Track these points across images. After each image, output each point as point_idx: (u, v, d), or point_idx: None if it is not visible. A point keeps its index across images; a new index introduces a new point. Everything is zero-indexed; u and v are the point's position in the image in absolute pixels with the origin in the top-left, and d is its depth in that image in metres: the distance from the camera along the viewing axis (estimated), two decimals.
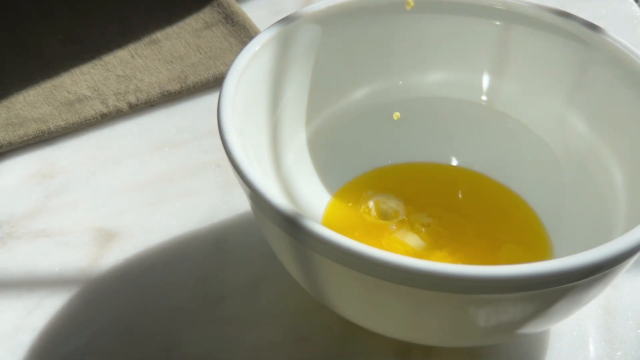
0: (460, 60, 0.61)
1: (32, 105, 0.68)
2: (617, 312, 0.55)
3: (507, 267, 0.41)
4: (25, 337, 0.53)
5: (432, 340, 0.51)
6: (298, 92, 0.58)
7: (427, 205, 0.59)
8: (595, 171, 0.57)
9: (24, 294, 0.56)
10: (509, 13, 0.58)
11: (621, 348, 0.53)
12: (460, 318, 0.45)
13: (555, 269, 0.41)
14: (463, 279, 0.41)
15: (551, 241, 0.57)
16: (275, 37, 0.55)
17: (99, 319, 0.55)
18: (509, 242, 0.57)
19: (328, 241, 0.42)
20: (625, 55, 0.54)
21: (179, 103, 0.70)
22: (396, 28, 0.60)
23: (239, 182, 0.47)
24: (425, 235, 0.57)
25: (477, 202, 0.60)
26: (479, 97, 0.62)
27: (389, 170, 0.61)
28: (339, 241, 0.42)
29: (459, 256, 0.56)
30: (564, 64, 0.58)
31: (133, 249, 0.59)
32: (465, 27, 0.60)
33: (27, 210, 0.61)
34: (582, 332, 0.54)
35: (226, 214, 0.61)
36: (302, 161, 0.59)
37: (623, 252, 0.43)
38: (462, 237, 0.57)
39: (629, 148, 0.55)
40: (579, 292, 0.45)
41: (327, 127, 0.60)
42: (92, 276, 0.57)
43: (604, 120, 0.56)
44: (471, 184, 0.61)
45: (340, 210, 0.58)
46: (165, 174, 0.64)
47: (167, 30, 0.75)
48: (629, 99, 0.54)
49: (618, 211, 0.53)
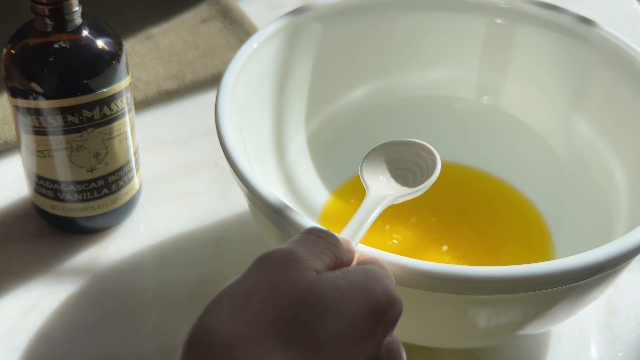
0: (460, 59, 0.61)
1: None
2: (618, 313, 0.55)
3: (508, 268, 0.41)
4: (21, 338, 0.53)
5: (432, 342, 0.50)
6: (297, 90, 0.58)
7: (429, 204, 0.59)
8: (597, 171, 0.56)
9: (20, 295, 0.56)
10: (511, 11, 0.58)
11: (623, 349, 0.53)
12: (460, 319, 0.45)
13: (557, 269, 0.41)
14: (463, 280, 0.41)
15: (553, 241, 0.57)
16: (274, 35, 0.55)
17: (96, 319, 0.54)
18: (511, 242, 0.57)
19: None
20: (628, 55, 0.54)
21: (176, 101, 0.70)
22: (396, 26, 0.60)
23: (234, 179, 0.47)
24: (425, 234, 0.57)
25: (478, 201, 0.60)
26: (480, 96, 0.61)
27: None
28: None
29: (460, 255, 0.56)
30: (566, 64, 0.58)
31: (130, 249, 0.58)
32: (466, 26, 0.59)
33: (23, 210, 0.61)
34: (583, 333, 0.54)
35: (224, 213, 0.61)
36: (302, 158, 0.59)
37: (625, 252, 0.43)
38: (464, 235, 0.57)
39: (631, 149, 0.54)
40: (581, 292, 0.45)
41: (328, 126, 0.60)
42: (89, 276, 0.57)
43: (607, 121, 0.56)
44: (473, 183, 0.61)
45: (339, 206, 0.58)
46: (162, 173, 0.64)
47: (163, 26, 0.74)
48: (631, 99, 0.54)
49: (620, 211, 0.53)
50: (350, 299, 0.34)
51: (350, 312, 0.34)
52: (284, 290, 0.34)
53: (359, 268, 0.36)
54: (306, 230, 0.38)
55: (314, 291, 0.34)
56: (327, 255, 0.37)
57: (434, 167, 0.47)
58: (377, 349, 0.35)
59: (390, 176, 0.47)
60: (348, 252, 0.38)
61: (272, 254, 0.36)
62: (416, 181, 0.47)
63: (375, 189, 0.46)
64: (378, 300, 0.35)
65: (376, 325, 0.35)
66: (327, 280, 0.35)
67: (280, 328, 0.33)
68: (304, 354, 0.33)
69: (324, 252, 0.37)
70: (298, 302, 0.34)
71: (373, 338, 0.35)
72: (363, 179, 0.47)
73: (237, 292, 0.34)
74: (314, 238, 0.37)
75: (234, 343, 0.33)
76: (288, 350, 0.33)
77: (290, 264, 0.35)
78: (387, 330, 0.35)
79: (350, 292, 0.35)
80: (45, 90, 0.52)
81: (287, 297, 0.34)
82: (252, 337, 0.33)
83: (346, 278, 0.35)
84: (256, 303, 0.34)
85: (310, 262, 0.35)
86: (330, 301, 0.34)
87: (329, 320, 0.34)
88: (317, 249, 0.37)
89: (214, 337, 0.33)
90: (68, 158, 0.54)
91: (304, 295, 0.34)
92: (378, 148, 0.48)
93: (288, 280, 0.34)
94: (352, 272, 0.36)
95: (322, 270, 0.36)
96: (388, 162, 0.48)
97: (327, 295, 0.34)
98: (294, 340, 0.33)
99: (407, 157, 0.48)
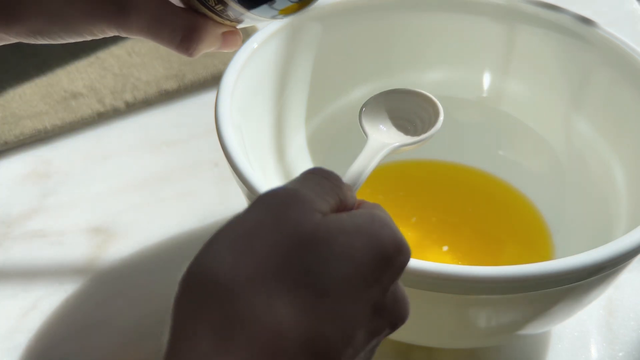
0: (461, 59, 0.61)
1: (28, 103, 0.68)
2: (618, 313, 0.55)
3: (508, 268, 0.41)
4: (21, 338, 0.53)
5: (432, 342, 0.50)
6: (297, 90, 0.58)
7: (428, 203, 0.59)
8: (597, 171, 0.56)
9: (20, 295, 0.56)
10: (511, 11, 0.58)
11: (623, 349, 0.53)
12: (460, 319, 0.45)
13: (557, 269, 0.41)
14: (463, 280, 0.41)
15: (553, 241, 0.56)
16: (274, 35, 0.55)
17: (96, 320, 0.54)
18: (511, 242, 0.57)
19: None
20: (628, 55, 0.54)
21: (176, 101, 0.70)
22: (396, 26, 0.60)
23: (234, 179, 0.46)
24: (425, 234, 0.57)
25: (479, 201, 0.60)
26: (480, 96, 0.61)
27: (390, 168, 0.61)
28: None
29: (460, 255, 0.56)
30: (566, 64, 0.58)
31: (130, 250, 0.58)
32: (467, 26, 0.59)
33: (23, 210, 0.61)
34: (583, 333, 0.54)
35: (224, 213, 0.61)
36: (302, 158, 0.59)
37: (625, 252, 0.42)
38: (464, 235, 0.57)
39: (631, 149, 0.54)
40: (581, 292, 0.45)
41: (328, 126, 0.60)
42: (89, 277, 0.57)
43: (607, 121, 0.56)
44: (473, 182, 0.61)
45: None
46: (162, 173, 0.64)
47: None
48: (631, 99, 0.54)
49: (620, 211, 0.53)
50: (356, 243, 0.32)
51: (356, 257, 0.32)
52: (288, 232, 0.32)
53: (366, 212, 0.34)
54: (309, 170, 0.35)
55: (319, 234, 0.32)
56: (331, 197, 0.34)
57: (436, 118, 0.45)
58: (382, 297, 0.33)
59: (391, 125, 0.46)
60: (352, 196, 0.36)
61: (274, 193, 0.33)
62: (417, 132, 0.45)
63: (375, 137, 0.44)
64: (386, 246, 0.33)
65: (383, 272, 0.33)
66: (333, 222, 0.33)
67: (283, 271, 0.31)
68: (307, 299, 0.31)
69: (329, 194, 0.34)
70: (303, 245, 0.32)
71: (379, 285, 0.33)
72: (362, 126, 0.45)
73: (238, 233, 0.32)
74: (318, 178, 0.35)
75: (234, 286, 0.31)
76: (290, 294, 0.31)
77: (295, 204, 0.33)
78: (394, 278, 0.33)
79: (357, 236, 0.32)
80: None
81: (291, 239, 0.32)
82: (252, 279, 0.31)
83: (353, 222, 0.33)
84: (258, 245, 0.32)
85: (315, 203, 0.33)
86: (336, 245, 0.32)
87: (334, 265, 0.31)
88: (321, 189, 0.34)
89: (214, 279, 0.31)
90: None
91: (309, 238, 0.32)
92: (378, 96, 0.46)
93: (292, 222, 0.32)
94: (359, 216, 0.33)
95: (327, 213, 0.33)
96: (388, 111, 0.46)
97: (333, 239, 0.32)
98: (297, 284, 0.31)
99: (408, 107, 0.46)
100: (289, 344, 0.30)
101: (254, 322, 0.30)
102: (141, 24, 0.43)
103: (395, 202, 0.59)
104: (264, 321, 0.30)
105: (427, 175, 0.61)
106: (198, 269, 0.32)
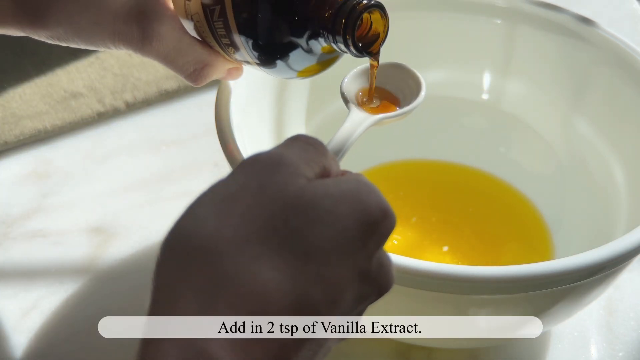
0: (461, 59, 0.61)
1: (27, 103, 0.68)
2: (618, 313, 0.55)
3: (508, 268, 0.41)
4: (22, 338, 0.53)
5: (432, 342, 0.50)
6: (297, 90, 0.58)
7: (428, 203, 0.59)
8: (597, 171, 0.56)
9: (20, 295, 0.55)
10: (511, 11, 0.58)
11: (623, 349, 0.53)
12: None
13: (557, 269, 0.41)
14: (463, 280, 0.41)
15: (553, 241, 0.56)
16: None
17: (96, 319, 0.54)
18: (511, 242, 0.57)
19: None
20: (628, 55, 0.54)
21: (176, 101, 0.70)
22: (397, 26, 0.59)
23: None
24: (425, 234, 0.57)
25: (479, 201, 0.60)
26: (480, 96, 0.61)
27: (390, 168, 0.61)
28: None
29: (460, 255, 0.55)
30: (566, 64, 0.58)
31: (130, 249, 0.58)
32: (467, 26, 0.59)
33: (23, 210, 0.61)
34: (583, 333, 0.54)
35: None
36: None
37: (625, 252, 0.42)
38: (464, 235, 0.57)
39: (631, 149, 0.54)
40: (581, 292, 0.45)
41: (328, 126, 0.60)
42: (89, 276, 0.57)
43: (607, 121, 0.56)
44: (473, 182, 0.61)
45: None
46: (162, 173, 0.64)
47: None
48: (631, 99, 0.54)
49: (620, 211, 0.53)
50: (342, 208, 0.32)
51: (342, 222, 0.32)
52: (273, 195, 0.31)
53: (352, 178, 0.34)
54: (294, 136, 0.35)
55: (305, 198, 0.32)
56: (316, 164, 0.34)
57: (418, 92, 0.45)
58: (367, 262, 0.33)
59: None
60: (336, 164, 0.36)
61: (258, 157, 0.33)
62: (399, 105, 0.45)
63: (358, 109, 0.44)
64: (371, 212, 0.32)
65: (368, 238, 0.32)
66: (319, 187, 0.32)
67: (267, 234, 0.31)
68: (292, 263, 0.30)
69: (313, 160, 0.34)
70: (288, 208, 0.31)
71: (365, 250, 0.32)
72: (344, 98, 0.45)
73: (221, 197, 0.32)
74: (302, 145, 0.34)
75: (217, 248, 0.30)
76: (275, 258, 0.30)
77: (279, 168, 0.32)
78: (379, 244, 0.33)
79: (343, 201, 0.32)
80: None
81: (276, 202, 0.31)
82: (237, 242, 0.30)
83: (338, 187, 0.33)
84: (242, 207, 0.31)
85: (300, 168, 0.33)
86: (322, 210, 0.31)
87: (319, 229, 0.31)
88: (306, 155, 0.34)
89: (196, 241, 0.31)
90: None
91: (295, 201, 0.31)
92: (360, 69, 0.46)
93: (277, 185, 0.32)
94: (345, 182, 0.33)
95: (311, 178, 0.33)
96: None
97: (318, 203, 0.31)
98: (282, 247, 0.31)
99: (390, 81, 0.46)
100: (275, 306, 0.30)
101: (239, 283, 0.30)
102: (161, 51, 0.45)
103: (395, 202, 0.59)
104: (249, 282, 0.30)
105: (427, 175, 0.61)
106: (181, 232, 0.31)
